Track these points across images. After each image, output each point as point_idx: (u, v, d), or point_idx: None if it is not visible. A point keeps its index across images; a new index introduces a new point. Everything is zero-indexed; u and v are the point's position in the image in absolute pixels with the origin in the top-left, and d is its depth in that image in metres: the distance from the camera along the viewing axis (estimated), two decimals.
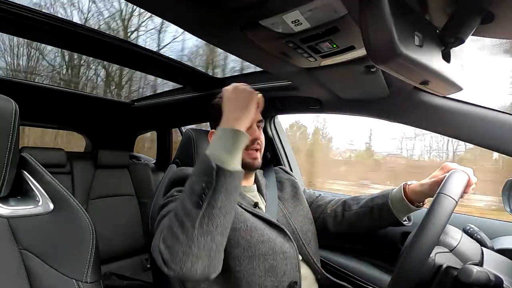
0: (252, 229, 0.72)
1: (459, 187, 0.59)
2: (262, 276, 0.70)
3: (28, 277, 0.54)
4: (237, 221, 0.72)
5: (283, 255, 0.73)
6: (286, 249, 0.74)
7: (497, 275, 0.55)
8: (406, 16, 0.47)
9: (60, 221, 0.60)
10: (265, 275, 0.70)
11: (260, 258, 0.71)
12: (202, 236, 0.53)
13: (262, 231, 0.74)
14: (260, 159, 0.83)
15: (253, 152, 0.81)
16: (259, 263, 0.70)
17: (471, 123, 0.84)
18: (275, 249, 0.73)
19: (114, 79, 2.95)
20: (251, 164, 0.81)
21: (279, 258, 0.73)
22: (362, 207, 0.87)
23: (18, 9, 0.80)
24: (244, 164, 0.80)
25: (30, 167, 0.62)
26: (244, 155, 0.79)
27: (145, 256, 1.93)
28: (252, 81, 1.23)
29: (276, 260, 0.72)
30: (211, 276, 0.56)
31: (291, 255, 0.75)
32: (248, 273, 0.70)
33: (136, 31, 2.65)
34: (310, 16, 0.58)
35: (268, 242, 0.73)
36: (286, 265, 0.73)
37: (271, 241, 0.73)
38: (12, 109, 0.55)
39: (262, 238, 0.72)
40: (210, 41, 0.78)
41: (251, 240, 0.71)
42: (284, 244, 0.75)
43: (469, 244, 0.64)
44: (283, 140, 1.51)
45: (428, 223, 0.55)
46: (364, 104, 1.06)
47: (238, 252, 0.70)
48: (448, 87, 0.61)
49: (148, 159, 2.38)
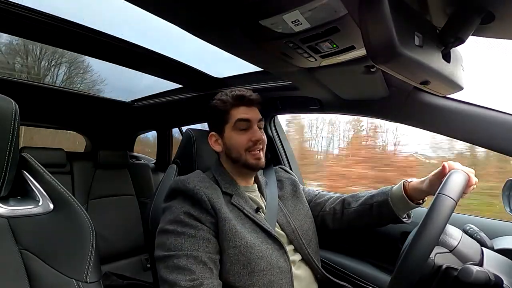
0: (251, 245, 0.73)
1: (459, 187, 0.59)
2: None
3: (28, 277, 0.53)
4: (237, 239, 0.72)
5: (279, 270, 0.74)
6: (281, 264, 0.75)
7: (497, 275, 0.55)
8: (406, 16, 0.47)
9: (60, 221, 0.60)
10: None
11: (259, 274, 0.72)
12: None
13: (260, 247, 0.74)
14: (264, 159, 0.84)
15: (257, 153, 0.82)
16: (258, 279, 0.71)
17: (471, 123, 0.84)
18: (272, 264, 0.73)
19: None
20: (256, 164, 0.82)
21: (276, 273, 0.73)
22: (361, 204, 0.87)
23: (18, 9, 0.80)
24: (249, 165, 0.81)
25: (30, 167, 0.62)
26: (248, 156, 0.80)
27: (145, 256, 1.93)
28: (252, 81, 1.23)
29: (273, 275, 0.73)
30: None
31: (286, 269, 0.76)
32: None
33: None
34: (310, 16, 0.58)
35: (266, 257, 0.73)
36: (282, 279, 0.74)
37: (268, 257, 0.74)
38: (12, 109, 0.55)
39: (260, 254, 0.73)
40: (210, 41, 0.78)
41: (250, 257, 0.72)
42: (279, 259, 0.76)
43: (469, 244, 0.64)
44: (283, 140, 1.51)
45: (428, 224, 0.55)
46: (364, 104, 1.06)
47: (238, 268, 0.71)
48: (448, 87, 0.61)
49: (148, 159, 2.38)
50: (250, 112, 0.82)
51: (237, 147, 0.81)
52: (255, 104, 0.84)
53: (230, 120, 0.82)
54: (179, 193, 0.76)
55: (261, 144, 0.83)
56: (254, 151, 0.81)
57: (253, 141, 0.81)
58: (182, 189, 0.76)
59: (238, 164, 0.83)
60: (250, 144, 0.81)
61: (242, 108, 0.82)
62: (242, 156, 0.81)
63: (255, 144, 0.81)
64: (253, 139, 0.81)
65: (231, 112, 0.82)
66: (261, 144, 0.83)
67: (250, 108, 0.83)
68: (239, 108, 0.82)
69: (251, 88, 1.05)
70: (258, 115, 0.84)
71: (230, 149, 0.82)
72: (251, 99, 0.83)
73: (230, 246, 0.71)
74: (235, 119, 0.81)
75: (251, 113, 0.83)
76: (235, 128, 0.81)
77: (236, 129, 0.81)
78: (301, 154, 2.48)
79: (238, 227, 0.74)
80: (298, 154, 2.21)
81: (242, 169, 0.84)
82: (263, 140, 0.83)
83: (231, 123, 0.81)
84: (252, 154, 0.81)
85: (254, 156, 0.81)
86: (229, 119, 0.82)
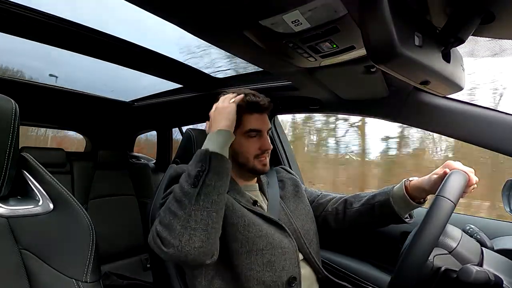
0: (250, 224, 0.73)
1: (458, 189, 0.59)
2: (260, 271, 0.71)
3: (27, 277, 0.54)
4: (234, 217, 0.73)
5: (281, 250, 0.74)
6: (284, 245, 0.75)
7: (497, 275, 0.55)
8: (406, 16, 0.47)
9: (60, 221, 0.60)
10: (263, 270, 0.71)
11: (258, 253, 0.72)
12: (198, 211, 0.60)
13: (260, 226, 0.74)
14: (268, 164, 0.86)
15: (264, 159, 0.84)
16: (257, 258, 0.71)
17: (471, 123, 0.84)
18: (273, 244, 0.73)
19: None
20: (262, 170, 0.84)
21: (277, 253, 0.73)
22: (363, 204, 0.87)
23: (17, 8, 0.80)
24: (256, 170, 0.84)
25: (30, 167, 0.62)
26: (256, 162, 0.83)
27: (145, 256, 1.93)
28: (252, 81, 1.23)
29: (274, 255, 0.73)
30: (207, 258, 0.61)
31: (290, 250, 0.75)
32: (246, 268, 0.71)
33: None
34: (310, 16, 0.58)
35: (266, 237, 0.73)
36: (285, 260, 0.74)
37: (269, 236, 0.74)
38: (12, 109, 0.55)
39: (260, 233, 0.73)
40: (210, 41, 0.78)
41: (248, 235, 0.72)
42: (282, 239, 0.76)
43: (469, 245, 0.64)
44: (283, 140, 1.51)
45: (426, 226, 0.55)
46: (364, 104, 1.06)
47: (236, 246, 0.71)
48: (448, 87, 0.61)
49: (148, 159, 2.38)
50: (262, 121, 0.84)
51: (246, 154, 0.82)
52: (267, 111, 0.85)
53: (241, 126, 0.82)
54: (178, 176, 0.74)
55: (268, 153, 0.85)
56: (262, 157, 0.83)
57: (262, 150, 0.82)
58: (180, 172, 0.74)
59: (243, 168, 0.84)
60: (259, 152, 0.82)
61: (255, 115, 0.83)
62: (250, 162, 0.82)
63: (263, 153, 0.83)
64: (263, 148, 0.82)
65: (244, 118, 0.82)
66: (268, 152, 0.85)
67: (262, 116, 0.84)
68: (252, 115, 0.82)
69: (251, 88, 1.05)
70: (269, 124, 0.86)
71: (238, 154, 0.83)
72: (265, 107, 0.84)
73: (228, 224, 0.72)
74: (248, 128, 0.81)
75: (263, 122, 0.84)
76: (246, 135, 0.82)
77: (246, 135, 0.82)
78: None
79: (236, 206, 0.75)
80: None
81: (246, 172, 0.85)
82: (270, 148, 0.85)
83: (243, 129, 0.82)
84: (260, 161, 0.83)
85: (261, 162, 0.83)
86: (241, 124, 0.81)
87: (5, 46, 1.23)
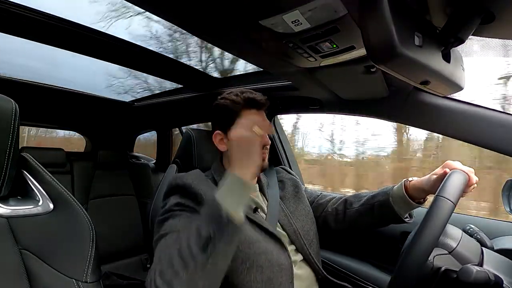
0: (250, 241, 0.73)
1: (458, 189, 0.59)
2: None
3: (28, 277, 0.54)
4: None
5: (279, 267, 0.74)
6: (282, 261, 0.75)
7: (497, 275, 0.55)
8: (406, 16, 0.47)
9: (60, 221, 0.60)
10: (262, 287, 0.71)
11: (258, 270, 0.71)
12: (203, 279, 0.54)
13: (260, 243, 0.74)
14: (267, 160, 0.86)
15: (263, 155, 0.83)
16: (257, 275, 0.71)
17: (471, 123, 0.84)
18: (272, 261, 0.73)
19: None
20: (261, 165, 0.83)
21: (275, 270, 0.73)
22: (363, 204, 0.87)
23: (17, 8, 0.80)
24: None
25: (30, 167, 0.62)
26: None
27: (145, 256, 1.93)
28: (252, 81, 1.23)
29: (273, 272, 0.72)
30: None
31: (286, 267, 0.75)
32: (246, 286, 0.70)
33: None
34: (310, 16, 0.58)
35: (265, 254, 0.73)
36: (282, 277, 0.73)
37: (268, 253, 0.73)
38: (12, 109, 0.55)
39: (260, 250, 0.73)
40: (211, 41, 0.78)
41: (249, 252, 0.71)
42: (280, 256, 0.75)
43: (469, 245, 0.64)
44: (283, 140, 1.51)
45: (426, 226, 0.55)
46: (364, 104, 1.06)
47: (237, 264, 0.70)
48: (448, 87, 0.61)
49: (148, 159, 2.38)
50: (260, 116, 0.83)
51: None
52: (264, 107, 0.85)
53: None
54: (177, 188, 0.76)
55: (267, 149, 0.85)
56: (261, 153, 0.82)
57: (261, 145, 0.82)
58: (180, 185, 0.75)
59: None
60: None
61: (253, 111, 0.83)
62: None
63: (262, 148, 0.82)
64: (262, 143, 0.81)
65: (243, 113, 0.82)
66: (267, 148, 0.85)
67: (260, 112, 0.84)
68: (251, 111, 0.82)
69: (251, 88, 1.05)
70: (266, 121, 0.85)
71: None
72: (262, 103, 0.84)
73: None
74: None
75: (262, 118, 0.84)
76: None
77: None
78: None
79: None
80: None
81: None
82: (269, 144, 0.85)
83: None
84: None
85: None
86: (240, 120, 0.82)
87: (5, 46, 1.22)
